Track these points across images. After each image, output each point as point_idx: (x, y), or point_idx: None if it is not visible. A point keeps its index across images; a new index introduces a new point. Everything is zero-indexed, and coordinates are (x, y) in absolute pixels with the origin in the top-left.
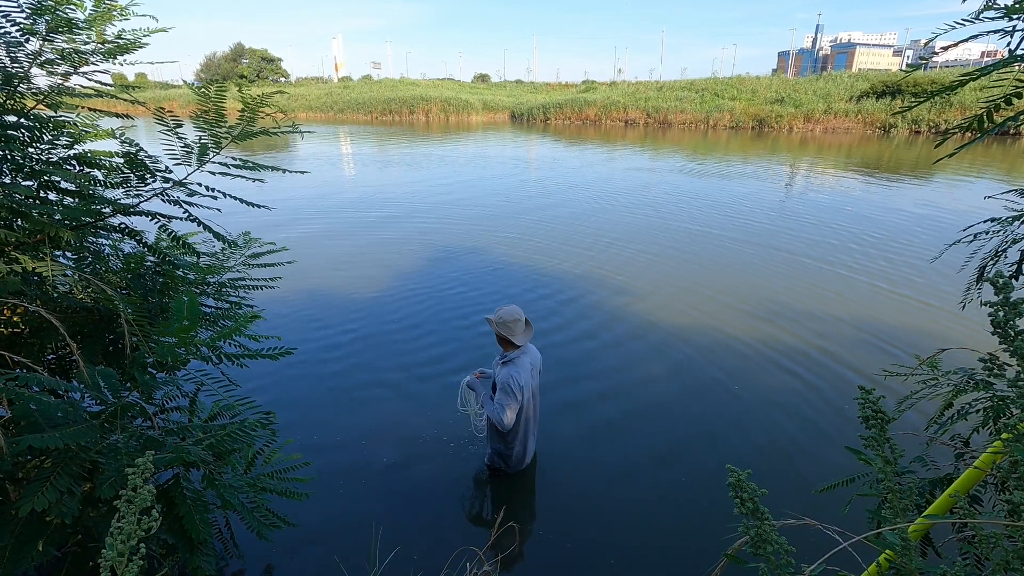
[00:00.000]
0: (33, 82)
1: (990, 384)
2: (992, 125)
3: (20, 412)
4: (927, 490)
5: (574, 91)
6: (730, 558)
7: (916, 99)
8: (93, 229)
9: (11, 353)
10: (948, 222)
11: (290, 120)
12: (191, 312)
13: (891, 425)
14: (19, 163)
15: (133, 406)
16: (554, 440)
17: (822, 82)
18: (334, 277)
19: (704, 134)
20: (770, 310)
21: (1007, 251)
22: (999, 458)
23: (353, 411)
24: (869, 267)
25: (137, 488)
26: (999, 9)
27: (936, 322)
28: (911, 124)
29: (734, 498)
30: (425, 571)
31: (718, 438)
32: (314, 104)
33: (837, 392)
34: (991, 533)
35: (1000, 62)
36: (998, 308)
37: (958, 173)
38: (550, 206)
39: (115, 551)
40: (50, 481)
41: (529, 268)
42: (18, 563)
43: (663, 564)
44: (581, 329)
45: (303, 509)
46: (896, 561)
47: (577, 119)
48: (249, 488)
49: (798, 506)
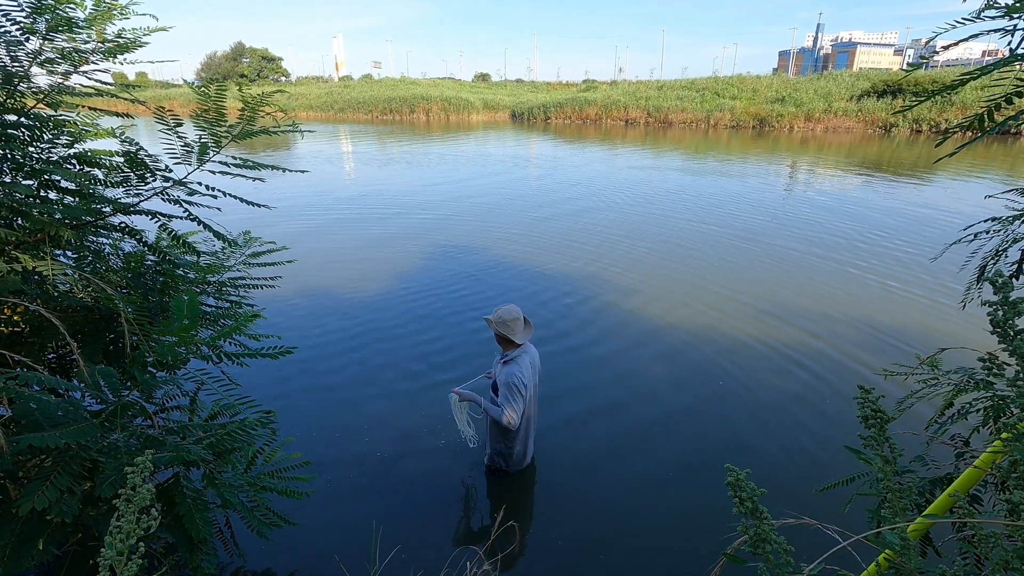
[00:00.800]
0: (33, 81)
1: (990, 384)
2: (993, 124)
3: (20, 411)
4: (927, 489)
5: (575, 90)
6: (729, 557)
7: (917, 98)
8: (93, 228)
9: (11, 352)
10: (953, 222)
11: (290, 119)
12: (191, 311)
13: (891, 424)
14: (19, 162)
15: (133, 405)
16: (554, 440)
17: (823, 81)
18: (334, 276)
19: (705, 133)
20: (774, 309)
21: (1007, 250)
22: (999, 458)
23: (353, 410)
24: (878, 265)
25: (136, 487)
26: (999, 8)
27: (946, 320)
28: (912, 123)
29: (733, 497)
30: (425, 570)
31: (718, 437)
32: (314, 103)
33: (836, 391)
34: (991, 533)
35: (1000, 61)
36: (997, 307)
37: (960, 172)
38: (551, 204)
39: (114, 550)
40: (50, 480)
41: (530, 267)
42: (18, 562)
43: (662, 563)
44: (582, 329)
45: (303, 508)
46: (896, 560)
47: (578, 118)
48: (249, 487)
49: (797, 505)
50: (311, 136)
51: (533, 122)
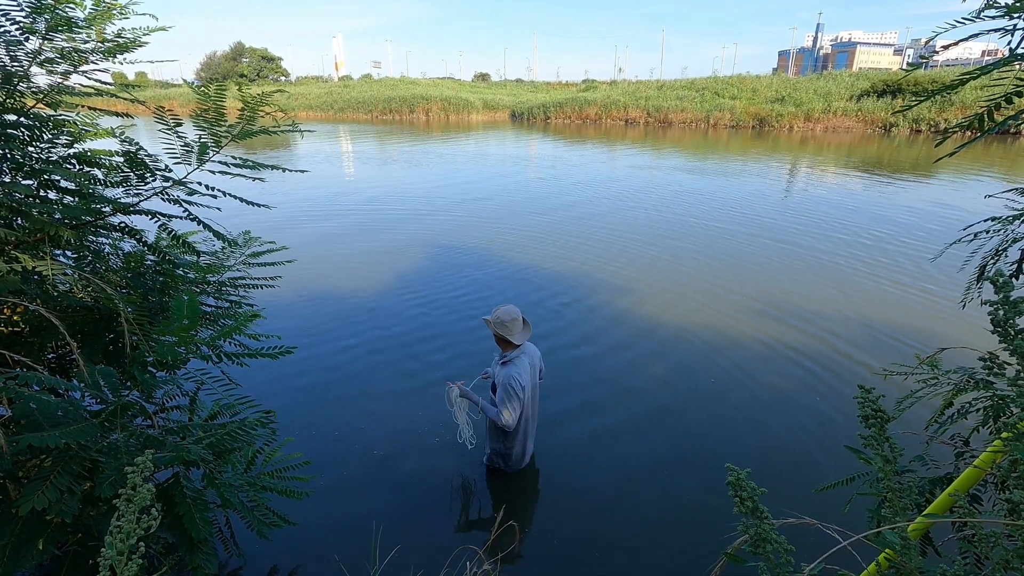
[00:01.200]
0: (33, 81)
1: (990, 383)
2: (993, 124)
3: (20, 411)
4: (927, 489)
5: (574, 90)
6: (730, 557)
7: (916, 98)
8: (93, 228)
9: (11, 352)
10: (954, 221)
11: (290, 119)
12: (191, 311)
13: (890, 424)
14: (19, 162)
15: (133, 405)
16: (554, 439)
17: (823, 81)
18: (333, 276)
19: (704, 133)
20: (777, 308)
21: (1007, 250)
22: (999, 457)
23: (352, 409)
24: (876, 265)
25: (136, 487)
26: (999, 8)
27: (945, 320)
28: (911, 123)
29: (733, 497)
30: (425, 570)
31: (718, 437)
32: (314, 103)
33: (835, 391)
34: (991, 532)
35: (1000, 61)
36: (998, 307)
37: (959, 172)
38: (553, 203)
39: (115, 550)
40: (50, 480)
41: (531, 265)
42: (18, 562)
43: (663, 562)
44: (583, 327)
45: (303, 508)
46: (896, 560)
47: (577, 118)
48: (249, 487)
49: (798, 505)
50: (311, 136)
51: (533, 122)
